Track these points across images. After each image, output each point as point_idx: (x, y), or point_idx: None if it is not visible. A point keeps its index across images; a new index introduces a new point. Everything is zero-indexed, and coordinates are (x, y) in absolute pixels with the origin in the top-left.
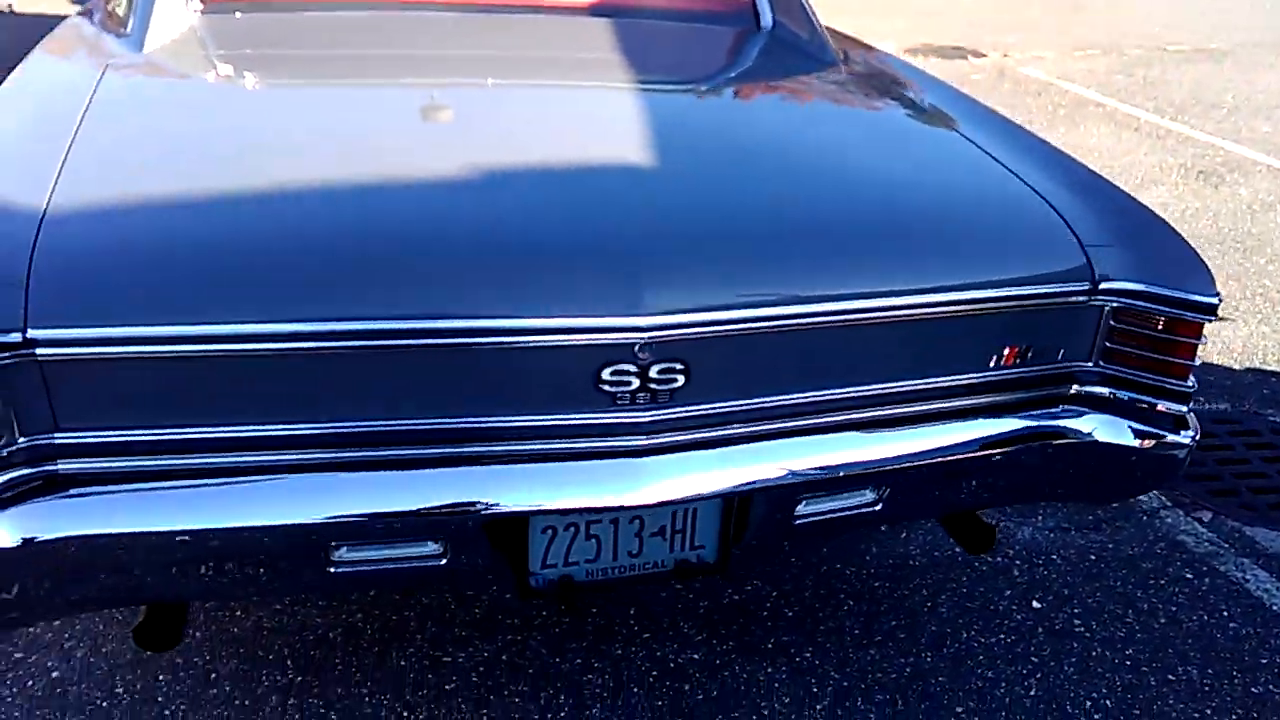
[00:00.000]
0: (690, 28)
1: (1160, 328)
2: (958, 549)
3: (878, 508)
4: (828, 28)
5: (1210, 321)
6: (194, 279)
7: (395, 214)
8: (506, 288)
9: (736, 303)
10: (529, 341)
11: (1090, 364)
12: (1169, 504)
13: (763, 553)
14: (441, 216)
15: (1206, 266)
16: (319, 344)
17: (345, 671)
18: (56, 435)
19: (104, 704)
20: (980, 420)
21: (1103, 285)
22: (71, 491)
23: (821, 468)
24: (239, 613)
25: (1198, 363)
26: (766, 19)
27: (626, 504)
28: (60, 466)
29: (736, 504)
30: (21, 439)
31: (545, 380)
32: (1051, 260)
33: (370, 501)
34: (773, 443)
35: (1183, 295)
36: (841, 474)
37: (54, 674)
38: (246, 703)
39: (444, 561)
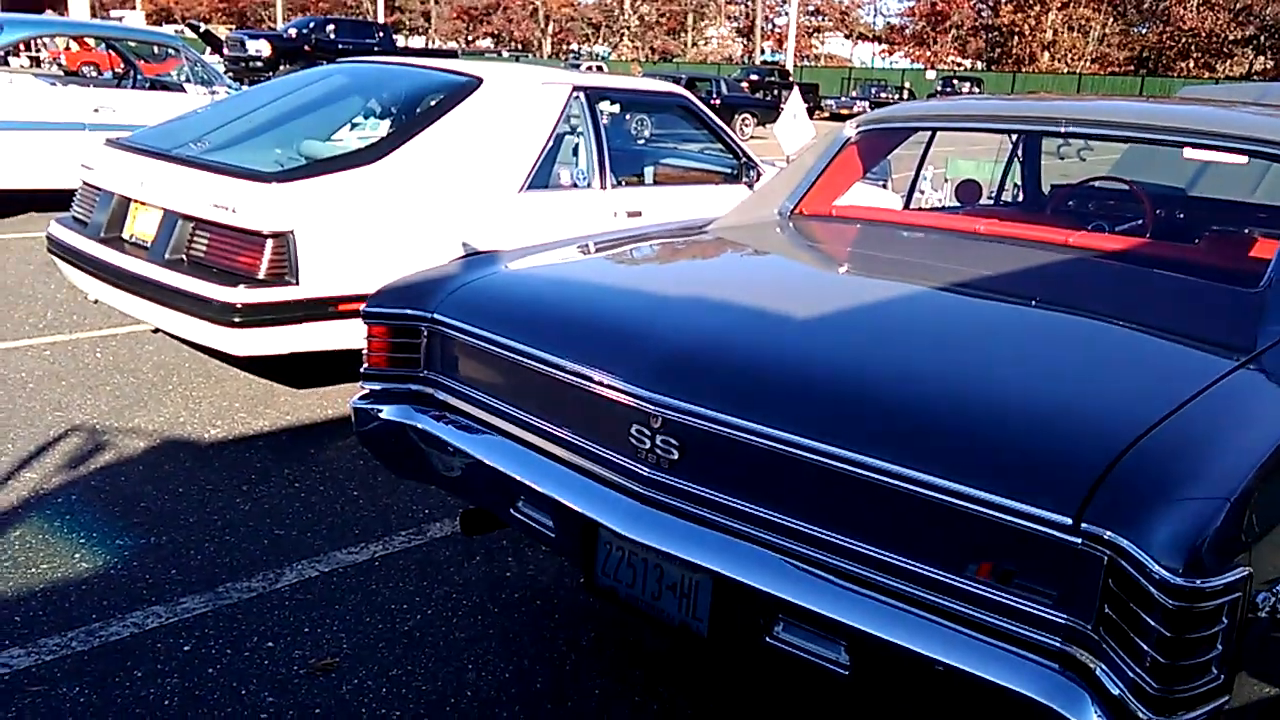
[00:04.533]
0: (1177, 279)
1: (1134, 602)
2: None
3: (845, 673)
4: None
5: (1179, 608)
6: (517, 319)
7: (643, 312)
8: (605, 352)
9: (726, 411)
10: (598, 389)
11: (1089, 626)
12: None
13: (750, 654)
14: (653, 318)
15: (1204, 543)
16: (540, 366)
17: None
18: (441, 376)
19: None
20: (949, 629)
21: (1085, 526)
22: (430, 409)
23: (773, 586)
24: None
25: (1202, 662)
26: (1265, 280)
27: (613, 527)
28: (437, 393)
29: (727, 594)
30: (424, 371)
31: (606, 420)
32: (1055, 485)
33: (528, 474)
34: (738, 544)
35: (1148, 561)
36: (790, 602)
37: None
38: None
39: (554, 535)
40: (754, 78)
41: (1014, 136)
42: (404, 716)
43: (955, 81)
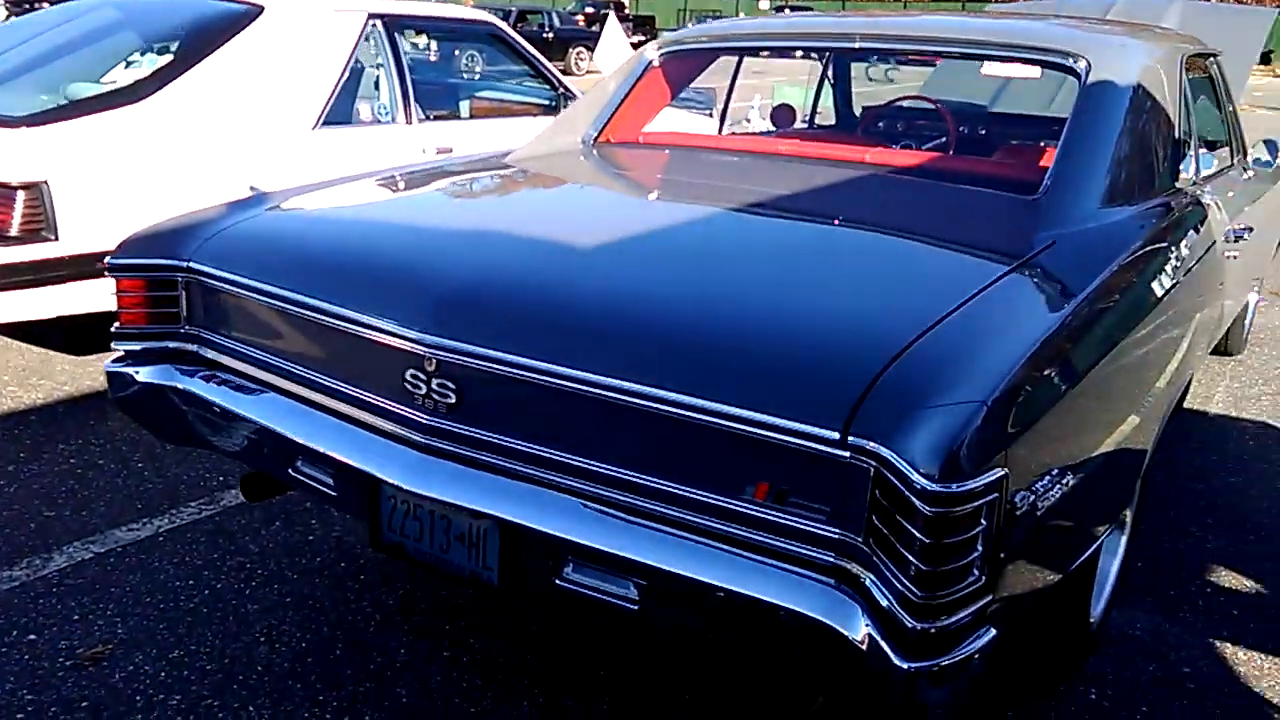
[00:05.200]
0: (966, 191)
1: (898, 512)
2: None
3: (635, 608)
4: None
5: (937, 514)
6: (281, 263)
7: (416, 249)
8: (374, 294)
9: (498, 348)
10: (369, 335)
11: (860, 540)
12: None
13: (542, 599)
14: (416, 254)
15: (960, 447)
16: (309, 313)
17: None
18: (204, 330)
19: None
20: (730, 554)
21: (851, 439)
22: (196, 368)
23: (558, 528)
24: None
25: (962, 565)
26: (1042, 187)
27: (392, 480)
28: (202, 350)
29: (514, 539)
30: (185, 326)
31: (380, 366)
32: (823, 400)
33: (302, 431)
34: (520, 486)
35: (906, 469)
36: (575, 542)
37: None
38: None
39: (335, 493)
40: (589, 10)
41: (824, 58)
42: (184, 700)
43: (788, 9)
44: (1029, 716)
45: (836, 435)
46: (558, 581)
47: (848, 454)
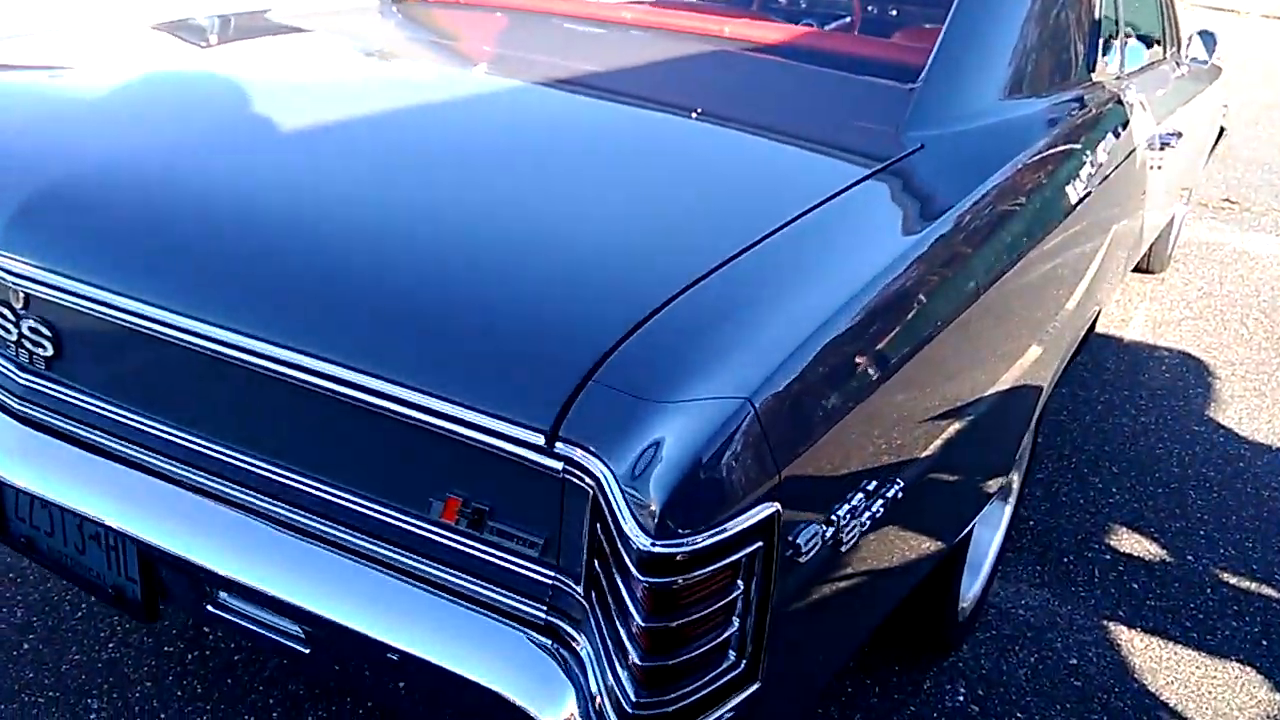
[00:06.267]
0: (825, 74)
1: (616, 562)
2: None
3: (305, 650)
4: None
5: (657, 587)
6: None
7: (39, 130)
8: None
9: (97, 282)
10: None
11: (579, 590)
12: None
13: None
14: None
15: (701, 477)
16: None
17: None
18: None
19: None
20: (415, 597)
21: (560, 446)
22: None
23: (184, 546)
24: None
25: (706, 651)
26: (919, 78)
27: None
28: None
29: (151, 549)
30: None
31: None
32: (529, 385)
33: None
34: (141, 480)
35: (616, 503)
36: (206, 568)
37: None
38: None
39: None
40: None
41: None
42: None
43: None
44: None
45: (541, 438)
46: (210, 608)
47: (559, 466)
